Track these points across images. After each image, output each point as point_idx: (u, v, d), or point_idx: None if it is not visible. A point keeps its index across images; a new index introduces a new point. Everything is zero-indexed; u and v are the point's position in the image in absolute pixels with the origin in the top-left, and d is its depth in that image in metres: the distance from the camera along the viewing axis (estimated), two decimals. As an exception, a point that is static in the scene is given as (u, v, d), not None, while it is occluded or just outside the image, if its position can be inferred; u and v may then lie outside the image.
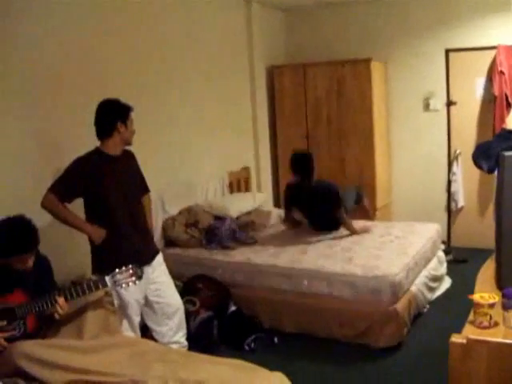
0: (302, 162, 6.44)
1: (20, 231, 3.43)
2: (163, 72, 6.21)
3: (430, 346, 4.99)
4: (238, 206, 6.71)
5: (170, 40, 6.33)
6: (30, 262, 3.48)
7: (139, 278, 3.69)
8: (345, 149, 7.86)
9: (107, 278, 3.58)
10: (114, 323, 3.92)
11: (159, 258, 4.58)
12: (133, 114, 4.26)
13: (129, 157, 4.43)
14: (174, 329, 4.60)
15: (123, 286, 3.64)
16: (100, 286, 3.59)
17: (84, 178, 4.11)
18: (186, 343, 4.70)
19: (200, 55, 6.83)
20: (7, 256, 3.39)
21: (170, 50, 6.33)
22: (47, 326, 3.64)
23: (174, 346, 4.50)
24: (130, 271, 3.64)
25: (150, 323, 4.57)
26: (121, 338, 3.86)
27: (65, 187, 4.10)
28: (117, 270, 3.61)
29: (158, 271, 4.52)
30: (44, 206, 4.08)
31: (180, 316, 4.65)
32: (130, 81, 5.66)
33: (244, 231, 6.39)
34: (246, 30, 7.76)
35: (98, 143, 4.23)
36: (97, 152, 4.21)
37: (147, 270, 4.28)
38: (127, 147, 4.36)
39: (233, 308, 5.41)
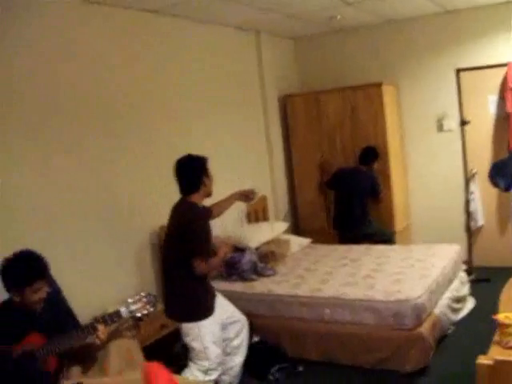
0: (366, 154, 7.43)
1: (28, 259, 3.48)
2: (172, 107, 6.26)
3: (456, 369, 4.93)
4: (257, 236, 6.69)
5: (180, 75, 6.39)
6: (44, 292, 3.50)
7: (154, 305, 3.70)
8: (360, 174, 7.82)
9: (122, 310, 3.59)
10: (136, 356, 3.92)
11: None
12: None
13: None
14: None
15: (138, 315, 3.64)
16: (115, 319, 3.60)
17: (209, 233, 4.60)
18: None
19: (212, 88, 6.87)
20: (21, 286, 3.42)
21: (181, 85, 6.38)
22: (69, 365, 3.64)
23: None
24: (144, 299, 3.65)
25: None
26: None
27: (206, 248, 4.51)
28: (130, 300, 3.61)
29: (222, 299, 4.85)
30: (200, 273, 4.42)
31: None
32: (140, 118, 5.75)
33: (264, 263, 6.36)
34: (257, 61, 7.82)
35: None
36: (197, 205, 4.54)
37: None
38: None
39: (256, 339, 5.39)
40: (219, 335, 4.60)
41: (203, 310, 4.50)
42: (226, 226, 6.74)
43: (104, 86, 5.37)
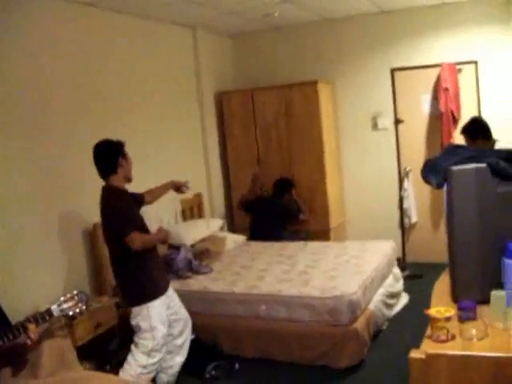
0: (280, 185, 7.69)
1: None
2: (109, 102, 6.17)
3: (391, 363, 5.00)
4: (192, 233, 6.67)
5: (116, 70, 6.30)
6: None
7: (86, 303, 3.64)
8: (296, 171, 7.88)
9: (53, 308, 3.53)
10: (70, 356, 3.85)
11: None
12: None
13: None
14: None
15: (70, 313, 3.58)
16: (47, 318, 3.52)
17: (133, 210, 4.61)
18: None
19: (147, 83, 6.80)
20: None
21: (115, 80, 6.29)
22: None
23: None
24: (76, 298, 3.59)
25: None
26: (80, 373, 3.78)
27: (134, 221, 4.49)
28: (62, 299, 3.55)
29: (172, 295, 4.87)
30: (137, 247, 4.36)
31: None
32: (74, 114, 5.66)
33: (199, 260, 6.34)
34: (193, 57, 7.79)
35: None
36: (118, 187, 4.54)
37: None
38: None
39: (192, 336, 5.35)
40: (166, 315, 4.66)
41: (151, 291, 4.56)
42: (161, 223, 6.69)
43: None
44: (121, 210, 4.45)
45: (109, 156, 4.48)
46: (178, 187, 5.21)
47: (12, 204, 4.92)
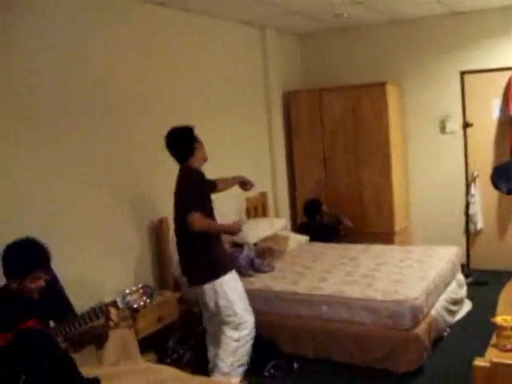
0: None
1: (33, 248, 3.48)
2: (178, 100, 6.25)
3: (451, 371, 4.93)
4: (255, 231, 6.69)
5: (184, 68, 6.38)
6: (42, 281, 3.49)
7: (150, 296, 3.70)
8: (362, 172, 7.84)
9: (118, 300, 3.60)
10: (132, 347, 3.93)
11: None
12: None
13: None
14: None
15: (135, 306, 3.64)
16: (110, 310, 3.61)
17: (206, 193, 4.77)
18: None
19: (214, 82, 6.86)
20: (23, 274, 3.41)
21: (181, 79, 6.36)
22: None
23: None
24: (141, 291, 3.65)
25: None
26: (140, 365, 3.85)
27: (203, 204, 4.65)
28: (127, 291, 3.62)
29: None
30: (196, 228, 4.51)
31: None
32: (144, 112, 5.77)
33: (262, 259, 6.37)
34: (262, 56, 7.80)
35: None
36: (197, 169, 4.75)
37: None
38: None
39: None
40: (243, 291, 4.84)
41: (220, 266, 4.72)
42: (225, 221, 6.74)
43: (108, 77, 5.41)
44: (196, 188, 4.63)
45: (185, 141, 4.73)
46: (245, 183, 5.38)
47: (85, 196, 5.06)
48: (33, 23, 4.62)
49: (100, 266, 5.14)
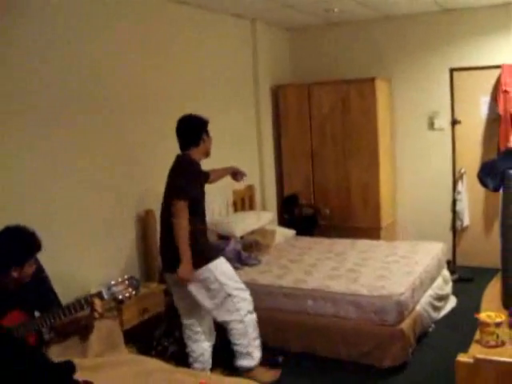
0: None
1: (25, 235, 3.44)
2: (166, 91, 6.22)
3: (435, 366, 4.96)
4: (242, 225, 6.67)
5: (173, 60, 6.34)
6: (30, 271, 3.47)
7: (136, 288, 3.70)
8: (349, 167, 7.85)
9: (104, 291, 3.59)
10: (117, 338, 3.92)
11: None
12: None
13: None
14: None
15: (120, 297, 3.63)
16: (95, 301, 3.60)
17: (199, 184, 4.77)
18: None
19: (203, 74, 6.83)
20: (23, 261, 3.39)
21: (174, 70, 6.34)
22: (47, 345, 3.63)
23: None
24: (126, 282, 3.64)
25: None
26: (125, 357, 3.84)
27: (193, 194, 4.66)
28: (112, 282, 3.62)
29: None
30: (176, 215, 4.49)
31: None
32: (131, 101, 5.74)
33: (248, 252, 6.37)
34: (252, 49, 7.79)
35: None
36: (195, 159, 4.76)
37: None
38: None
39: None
40: (232, 272, 4.86)
41: (207, 253, 4.75)
42: (211, 214, 6.74)
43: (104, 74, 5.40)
44: (189, 177, 4.63)
45: (195, 129, 4.77)
46: (236, 173, 5.42)
47: (76, 187, 5.06)
48: (33, 23, 4.61)
49: (86, 257, 5.12)
